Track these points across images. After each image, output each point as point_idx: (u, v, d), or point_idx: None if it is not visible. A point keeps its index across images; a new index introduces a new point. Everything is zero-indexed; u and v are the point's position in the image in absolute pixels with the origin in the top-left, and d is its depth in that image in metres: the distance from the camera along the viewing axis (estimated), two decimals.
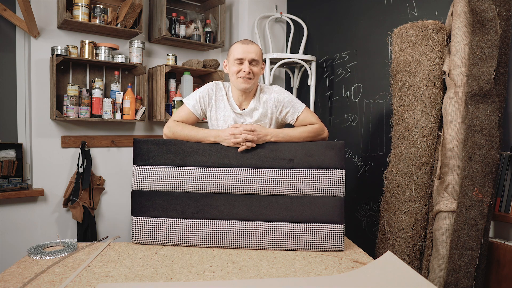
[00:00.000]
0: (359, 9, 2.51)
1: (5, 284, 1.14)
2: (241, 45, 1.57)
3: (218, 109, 1.65)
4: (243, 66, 1.55)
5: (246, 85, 1.56)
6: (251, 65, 1.56)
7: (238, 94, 1.63)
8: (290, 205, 1.50)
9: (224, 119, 1.65)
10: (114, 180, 2.63)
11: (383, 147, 2.35)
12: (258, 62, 1.58)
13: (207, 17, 2.90)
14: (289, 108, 1.63)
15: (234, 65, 1.57)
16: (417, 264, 1.92)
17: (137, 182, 1.54)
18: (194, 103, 1.64)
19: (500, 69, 1.60)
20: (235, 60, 1.56)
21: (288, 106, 1.62)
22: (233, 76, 1.58)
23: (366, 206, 2.46)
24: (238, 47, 1.57)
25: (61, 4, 2.26)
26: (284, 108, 1.62)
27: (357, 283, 1.19)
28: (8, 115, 2.37)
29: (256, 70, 1.58)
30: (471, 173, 1.63)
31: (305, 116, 1.64)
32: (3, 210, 2.26)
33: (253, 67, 1.56)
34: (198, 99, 1.64)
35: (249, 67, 1.55)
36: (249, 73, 1.55)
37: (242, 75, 1.55)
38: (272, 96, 1.63)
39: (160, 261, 1.35)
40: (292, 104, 1.63)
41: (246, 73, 1.54)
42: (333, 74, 2.71)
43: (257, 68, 1.59)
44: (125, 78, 2.64)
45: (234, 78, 1.58)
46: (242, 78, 1.55)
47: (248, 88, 1.58)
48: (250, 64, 1.56)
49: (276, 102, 1.62)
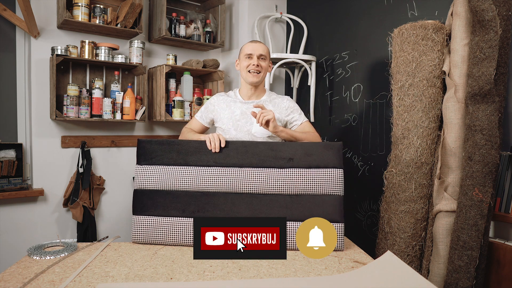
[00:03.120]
0: (359, 9, 2.51)
1: (5, 284, 1.14)
2: (251, 43, 1.80)
3: (221, 111, 1.83)
4: (252, 60, 1.75)
5: (255, 78, 1.76)
6: (259, 60, 1.76)
7: (247, 89, 1.83)
8: (290, 203, 1.50)
9: (228, 115, 1.80)
10: (114, 180, 2.63)
11: (383, 147, 2.35)
12: (266, 57, 1.78)
13: (207, 17, 2.90)
14: (296, 115, 1.83)
15: (244, 60, 1.77)
16: (417, 264, 1.92)
17: (140, 181, 1.55)
18: (201, 114, 1.91)
19: (500, 69, 1.60)
20: (245, 56, 1.77)
21: (296, 113, 1.83)
22: (244, 70, 1.78)
23: (366, 206, 2.46)
24: (248, 45, 1.80)
25: (61, 4, 2.26)
26: (292, 113, 1.82)
27: (357, 283, 1.19)
28: (8, 115, 2.37)
29: (264, 65, 1.77)
30: (471, 173, 1.63)
31: (306, 125, 1.84)
32: (3, 210, 2.26)
33: (261, 61, 1.76)
34: (203, 109, 1.90)
35: (257, 61, 1.75)
36: (258, 66, 1.75)
37: (251, 68, 1.75)
38: (285, 101, 1.84)
39: (160, 261, 1.35)
40: (299, 113, 1.85)
41: (255, 66, 1.74)
42: (333, 74, 2.71)
43: (265, 63, 1.78)
44: (125, 78, 2.64)
45: (245, 72, 1.78)
46: (251, 71, 1.75)
47: (257, 81, 1.77)
48: (258, 58, 1.76)
49: (287, 107, 1.83)
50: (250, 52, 1.75)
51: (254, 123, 1.74)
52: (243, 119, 1.77)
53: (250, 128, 1.76)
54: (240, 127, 1.77)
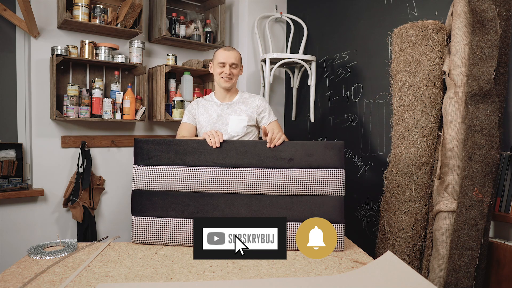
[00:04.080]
0: (359, 9, 2.51)
1: (5, 284, 1.14)
2: (224, 51, 1.93)
3: (199, 116, 1.98)
4: (225, 68, 1.91)
5: (227, 84, 1.93)
6: (231, 68, 1.92)
7: (221, 92, 1.99)
8: (290, 204, 1.50)
9: (206, 119, 1.95)
10: (114, 180, 2.63)
11: (383, 147, 2.35)
12: (237, 65, 1.95)
13: (207, 17, 2.90)
14: (266, 114, 1.99)
15: (218, 67, 1.93)
16: (417, 264, 1.92)
17: (138, 181, 1.54)
18: (187, 117, 2.03)
19: (500, 69, 1.60)
20: (218, 64, 1.92)
21: (266, 112, 1.99)
22: (217, 76, 1.94)
23: (366, 206, 2.46)
24: (221, 53, 1.93)
25: (61, 4, 2.26)
26: (263, 112, 1.98)
27: (357, 283, 1.19)
28: (8, 115, 2.37)
29: (235, 72, 1.94)
30: (471, 173, 1.63)
31: (274, 124, 1.99)
32: (3, 210, 2.26)
33: (233, 69, 1.92)
34: (187, 113, 2.03)
35: (229, 69, 1.91)
36: (230, 74, 1.92)
37: (224, 76, 1.91)
38: (257, 100, 2.00)
39: (160, 261, 1.35)
40: (269, 111, 2.00)
41: (227, 74, 1.91)
42: (333, 74, 2.71)
43: (236, 70, 1.95)
44: (125, 78, 2.64)
45: (218, 78, 1.94)
46: (224, 78, 1.92)
47: (229, 86, 1.94)
48: (230, 67, 1.91)
49: (258, 106, 1.98)
50: (223, 61, 1.90)
51: (229, 123, 1.93)
52: (219, 121, 1.95)
53: (226, 128, 1.93)
54: (217, 128, 1.93)
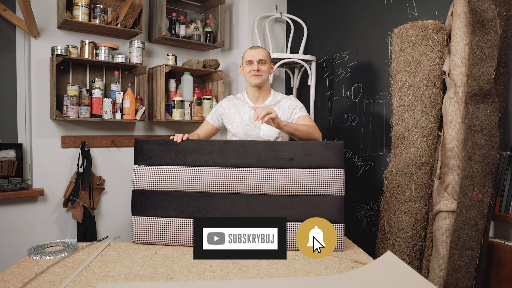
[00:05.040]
0: (359, 9, 2.51)
1: (5, 284, 1.14)
2: (250, 50, 1.92)
3: (231, 116, 1.96)
4: (253, 65, 1.88)
5: (257, 80, 1.89)
6: (259, 64, 1.89)
7: (253, 92, 1.95)
8: (290, 204, 1.50)
9: (238, 120, 1.93)
10: (114, 180, 2.63)
11: (383, 147, 2.35)
12: (265, 61, 1.90)
13: (207, 17, 2.90)
14: (297, 110, 1.94)
15: (246, 66, 1.91)
16: (417, 264, 1.92)
17: (138, 181, 1.55)
18: (211, 116, 2.02)
19: (500, 69, 1.60)
20: (246, 62, 1.91)
21: (297, 109, 1.94)
22: (247, 75, 1.92)
23: (366, 206, 2.46)
24: (247, 52, 1.93)
25: (61, 4, 2.26)
26: (294, 110, 1.93)
27: (357, 283, 1.19)
28: (8, 115, 2.37)
29: (264, 68, 1.90)
30: (471, 173, 1.63)
31: (305, 118, 1.91)
32: (3, 210, 2.26)
33: (261, 66, 1.89)
34: (214, 112, 2.02)
35: (258, 65, 1.88)
36: (258, 71, 1.88)
37: (252, 73, 1.88)
38: (289, 101, 1.95)
39: (160, 261, 1.35)
40: (300, 108, 1.95)
41: (256, 70, 1.87)
42: (333, 74, 2.71)
43: (265, 67, 1.90)
44: (125, 78, 2.64)
45: (248, 76, 1.92)
46: (253, 75, 1.89)
47: (259, 83, 1.89)
48: (258, 63, 1.88)
49: (289, 106, 1.94)
50: (251, 58, 1.89)
51: (261, 127, 1.88)
52: (251, 124, 1.90)
53: (259, 131, 1.89)
54: (249, 131, 1.90)
